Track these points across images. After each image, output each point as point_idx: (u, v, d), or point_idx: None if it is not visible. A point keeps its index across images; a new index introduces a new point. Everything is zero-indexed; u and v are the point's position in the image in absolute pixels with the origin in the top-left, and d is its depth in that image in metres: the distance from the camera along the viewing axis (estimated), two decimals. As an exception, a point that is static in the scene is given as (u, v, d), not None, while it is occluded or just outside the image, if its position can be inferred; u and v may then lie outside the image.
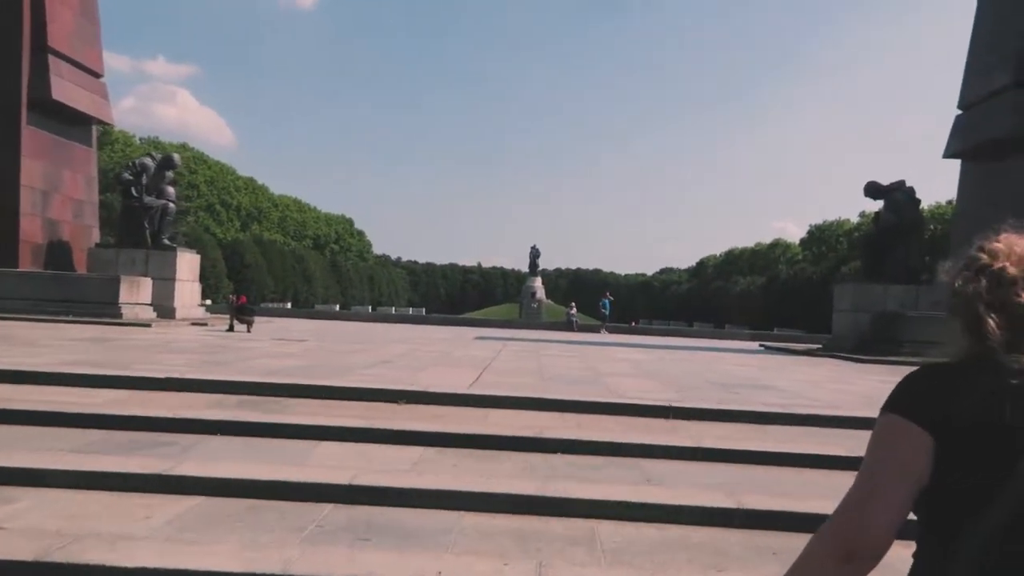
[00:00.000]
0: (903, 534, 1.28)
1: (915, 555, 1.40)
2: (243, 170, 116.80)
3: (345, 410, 7.40)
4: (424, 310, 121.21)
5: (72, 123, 22.95)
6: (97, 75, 24.02)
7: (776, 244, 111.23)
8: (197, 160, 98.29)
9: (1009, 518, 1.24)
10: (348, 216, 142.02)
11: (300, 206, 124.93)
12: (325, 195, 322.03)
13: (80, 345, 12.02)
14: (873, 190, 23.42)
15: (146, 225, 22.11)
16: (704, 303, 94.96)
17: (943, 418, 1.30)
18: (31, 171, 21.19)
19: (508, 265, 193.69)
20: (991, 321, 1.32)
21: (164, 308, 21.58)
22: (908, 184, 23.29)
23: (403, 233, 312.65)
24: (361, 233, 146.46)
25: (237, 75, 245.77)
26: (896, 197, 22.90)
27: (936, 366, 1.41)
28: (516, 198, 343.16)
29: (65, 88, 21.77)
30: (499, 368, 11.60)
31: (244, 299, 21.39)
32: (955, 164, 24.10)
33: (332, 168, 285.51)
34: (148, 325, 18.44)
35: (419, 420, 7.09)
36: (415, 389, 8.15)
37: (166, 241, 22.53)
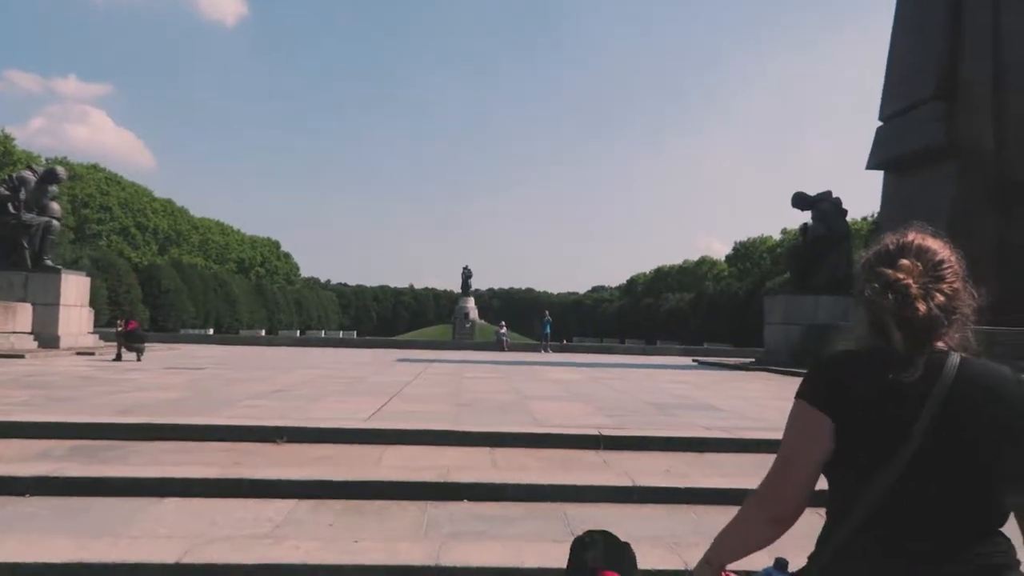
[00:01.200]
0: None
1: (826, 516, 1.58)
2: (163, 192, 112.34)
3: (205, 455, 5.99)
4: (355, 333, 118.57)
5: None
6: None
7: (703, 261, 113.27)
8: (110, 181, 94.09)
9: (880, 498, 1.46)
10: (274, 239, 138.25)
11: (223, 228, 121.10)
12: (250, 217, 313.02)
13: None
14: (800, 201, 23.12)
15: (25, 245, 19.93)
16: (635, 320, 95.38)
17: (841, 404, 1.51)
18: None
19: (440, 286, 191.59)
20: (896, 332, 1.51)
21: (46, 336, 19.43)
22: (834, 195, 23.10)
23: (332, 255, 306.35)
24: (288, 255, 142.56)
25: (155, 95, 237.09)
26: (823, 208, 22.64)
27: (839, 356, 1.60)
28: (448, 219, 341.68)
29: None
30: (411, 395, 10.29)
31: (134, 324, 19.23)
32: (875, 178, 24.04)
33: (257, 190, 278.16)
34: (21, 356, 16.40)
35: (295, 464, 5.75)
36: (299, 425, 6.79)
37: (48, 262, 20.37)
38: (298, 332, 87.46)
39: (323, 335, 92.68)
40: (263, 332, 70.76)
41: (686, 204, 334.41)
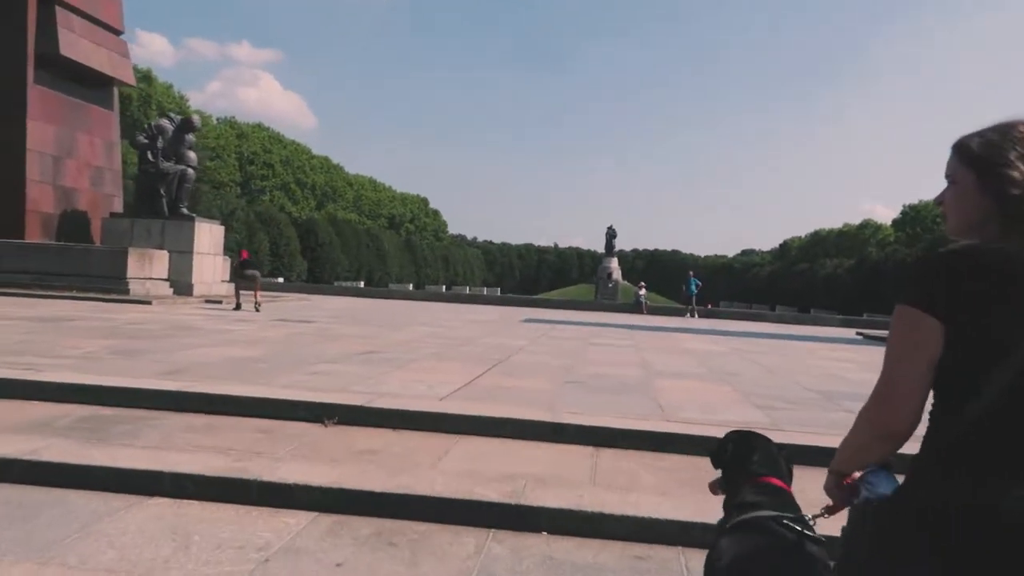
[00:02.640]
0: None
1: (929, 421, 1.48)
2: (323, 151, 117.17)
3: (230, 436, 4.75)
4: (499, 290, 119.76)
5: (88, 83, 21.13)
6: (116, 31, 22.13)
7: (866, 225, 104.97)
8: (272, 140, 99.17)
9: (997, 399, 1.36)
10: (423, 196, 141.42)
11: (375, 185, 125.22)
12: (401, 175, 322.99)
13: (7, 326, 9.83)
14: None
15: (162, 192, 20.12)
16: (788, 286, 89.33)
17: (954, 305, 1.39)
18: (40, 135, 19.44)
19: (584, 245, 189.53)
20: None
21: (181, 284, 19.60)
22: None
23: (479, 213, 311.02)
24: (436, 213, 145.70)
25: (319, 59, 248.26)
26: None
27: (951, 253, 1.46)
28: (594, 178, 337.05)
29: (76, 44, 19.90)
30: (517, 364, 8.77)
31: (246, 254, 19.08)
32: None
33: (409, 149, 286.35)
34: (148, 303, 16.40)
35: (329, 460, 4.36)
36: (356, 403, 5.41)
37: (184, 210, 20.51)
38: (444, 287, 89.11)
39: (467, 291, 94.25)
40: (411, 286, 72.26)
41: (846, 165, 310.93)
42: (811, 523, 1.85)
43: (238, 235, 50.39)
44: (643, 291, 36.03)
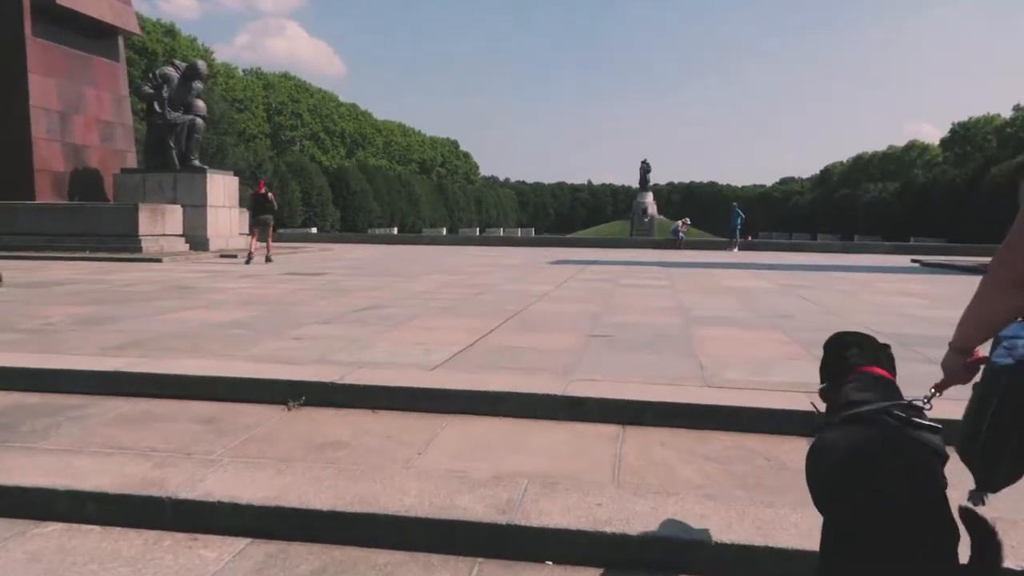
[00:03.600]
0: None
1: None
2: (351, 98, 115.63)
3: (167, 428, 3.84)
4: (533, 230, 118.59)
5: (90, 34, 20.14)
6: (115, -24, 21.02)
7: (911, 147, 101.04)
8: (300, 89, 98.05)
9: None
10: (453, 139, 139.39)
11: (404, 130, 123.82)
12: (430, 119, 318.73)
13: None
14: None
15: (172, 144, 19.26)
16: (829, 214, 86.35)
17: None
18: (43, 90, 18.62)
19: (618, 181, 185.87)
20: None
21: (196, 239, 18.91)
22: None
23: (510, 154, 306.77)
24: (467, 155, 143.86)
25: (343, 5, 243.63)
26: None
27: None
28: (625, 110, 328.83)
29: (72, -9, 18.86)
30: (535, 315, 7.75)
31: (263, 186, 16.81)
32: None
33: (437, 91, 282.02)
34: (159, 260, 15.69)
35: (284, 457, 3.42)
36: (327, 379, 4.44)
37: (195, 162, 19.65)
38: (477, 230, 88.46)
39: (501, 232, 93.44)
40: (444, 231, 71.44)
41: (890, 84, 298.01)
42: (924, 407, 1.83)
43: (265, 175, 49.77)
44: (683, 227, 34.50)
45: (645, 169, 60.29)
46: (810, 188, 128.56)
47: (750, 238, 33.83)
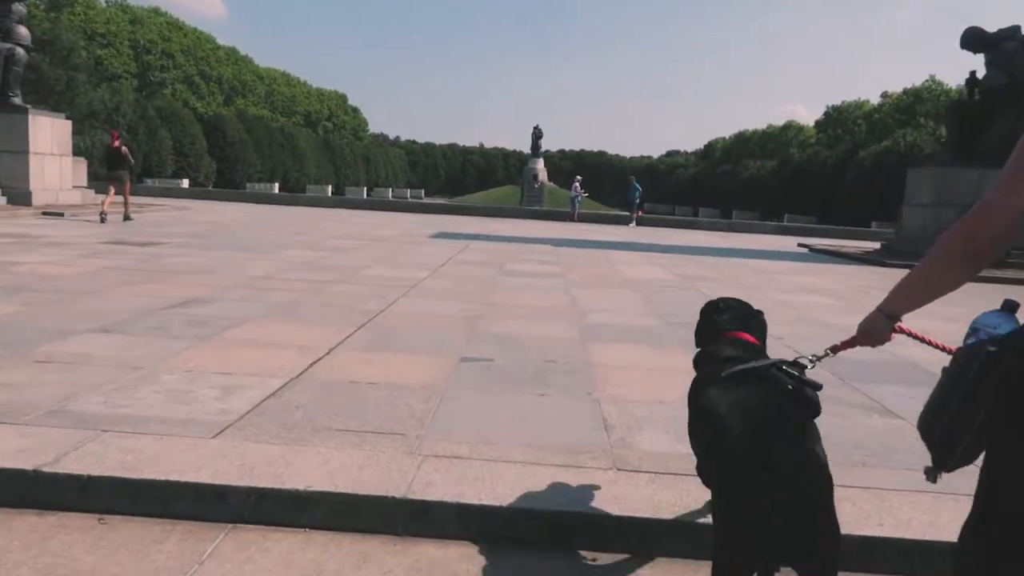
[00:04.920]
0: None
1: None
2: (232, 43, 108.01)
3: None
4: (423, 192, 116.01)
5: None
6: None
7: (788, 126, 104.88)
8: (172, 27, 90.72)
9: None
10: (341, 92, 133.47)
11: (288, 80, 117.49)
12: (316, 70, 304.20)
13: None
14: (973, 39, 17.26)
15: (-16, 78, 16.22)
16: (712, 187, 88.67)
17: None
18: None
19: (510, 146, 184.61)
20: None
21: (16, 192, 16.08)
22: (1024, 32, 17.14)
23: (401, 111, 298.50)
24: (356, 110, 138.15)
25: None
26: (1007, 49, 16.79)
27: None
28: (519, 76, 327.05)
29: None
30: (398, 319, 6.23)
31: (116, 139, 15.75)
32: None
33: (324, 42, 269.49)
34: (-45, 217, 13.02)
35: None
36: (27, 465, 2.82)
37: (15, 100, 16.67)
38: (365, 190, 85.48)
39: (390, 193, 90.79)
40: (330, 188, 67.96)
41: (769, 66, 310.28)
42: (808, 367, 1.92)
43: (123, 132, 45.05)
44: (579, 189, 33.09)
45: (537, 135, 60.35)
46: (694, 162, 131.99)
47: (640, 213, 33.28)
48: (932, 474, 1.60)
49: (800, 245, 21.91)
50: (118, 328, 5.19)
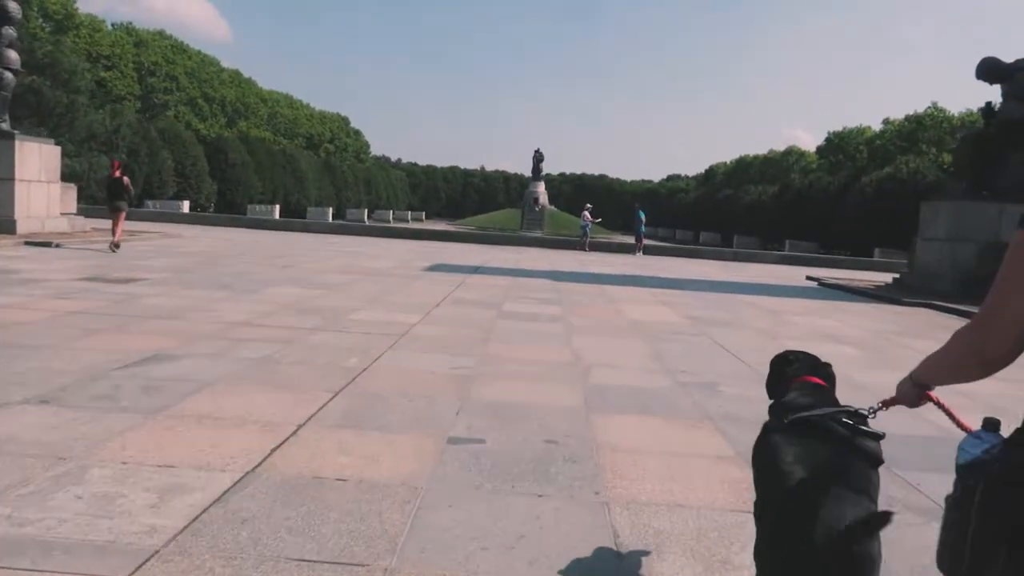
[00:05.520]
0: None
1: None
2: (236, 66, 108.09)
3: None
4: (423, 214, 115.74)
5: None
6: None
7: (790, 152, 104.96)
8: (176, 50, 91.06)
9: None
10: (343, 115, 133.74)
11: (291, 102, 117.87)
12: (319, 93, 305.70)
13: None
14: (990, 69, 16.77)
15: (-31, 102, 15.72)
16: (713, 212, 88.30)
17: None
18: None
19: (511, 169, 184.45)
20: None
21: (1, 220, 15.50)
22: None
23: (403, 135, 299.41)
24: (358, 133, 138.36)
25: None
26: (1023, 80, 16.31)
27: None
28: (521, 100, 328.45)
29: None
30: (383, 378, 5.59)
31: (117, 167, 16.15)
32: None
33: (327, 65, 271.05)
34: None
35: None
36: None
37: (3, 125, 16.16)
38: (366, 212, 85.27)
39: (391, 216, 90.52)
40: (330, 211, 67.54)
41: (771, 90, 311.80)
42: (869, 416, 1.91)
43: (122, 155, 44.67)
44: (589, 217, 32.66)
45: (538, 158, 60.29)
46: (695, 186, 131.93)
47: (645, 242, 32.75)
48: None
49: (808, 278, 21.30)
50: (58, 397, 4.55)
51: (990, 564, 1.32)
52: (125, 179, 15.71)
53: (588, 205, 34.78)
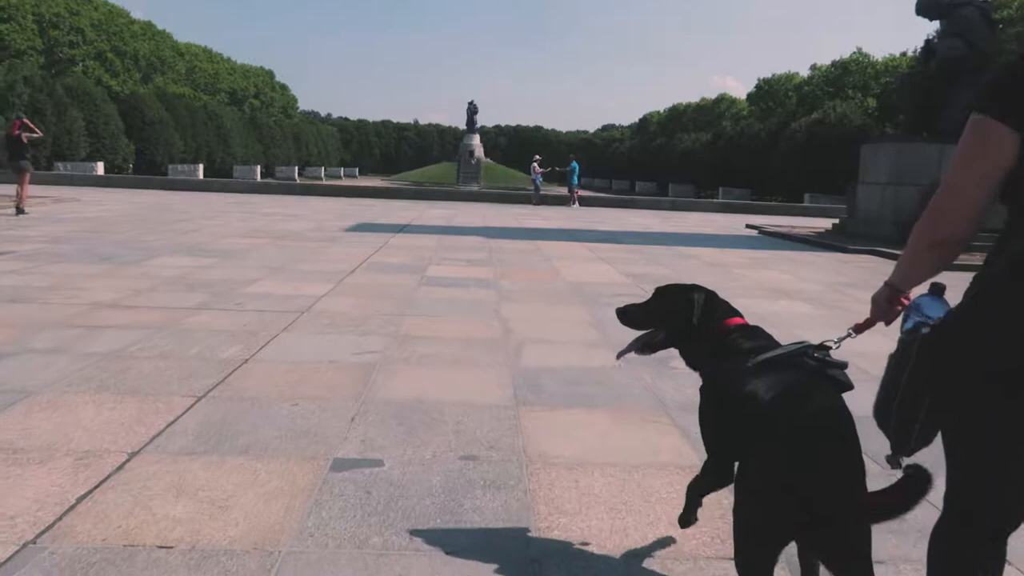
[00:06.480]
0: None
1: (1003, 229, 1.46)
2: (149, 16, 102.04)
3: None
4: (357, 170, 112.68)
5: None
6: None
7: (721, 99, 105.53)
8: (80, 0, 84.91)
9: None
10: (268, 68, 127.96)
11: (211, 56, 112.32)
12: (240, 46, 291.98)
13: None
14: (929, 5, 16.18)
15: None
16: (647, 161, 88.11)
17: None
18: None
19: (445, 122, 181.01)
20: None
21: None
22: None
23: (331, 88, 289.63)
24: (284, 87, 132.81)
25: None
26: (964, 15, 15.73)
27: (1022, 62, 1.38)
28: (453, 50, 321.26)
29: None
30: (258, 380, 4.50)
31: (17, 128, 15.32)
32: None
33: (247, 17, 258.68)
34: None
35: None
36: None
37: None
38: (296, 169, 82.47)
39: (322, 173, 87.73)
40: (259, 169, 64.50)
41: (701, 40, 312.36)
42: (833, 348, 1.93)
43: (19, 113, 41.23)
44: (539, 169, 31.63)
45: (472, 111, 59.42)
46: (630, 136, 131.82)
47: (580, 192, 31.84)
48: (893, 460, 1.65)
49: (748, 226, 20.77)
50: None
51: (914, 411, 1.52)
52: (24, 136, 15.20)
53: (537, 157, 33.70)
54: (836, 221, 18.78)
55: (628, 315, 2.44)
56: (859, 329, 1.91)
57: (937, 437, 1.56)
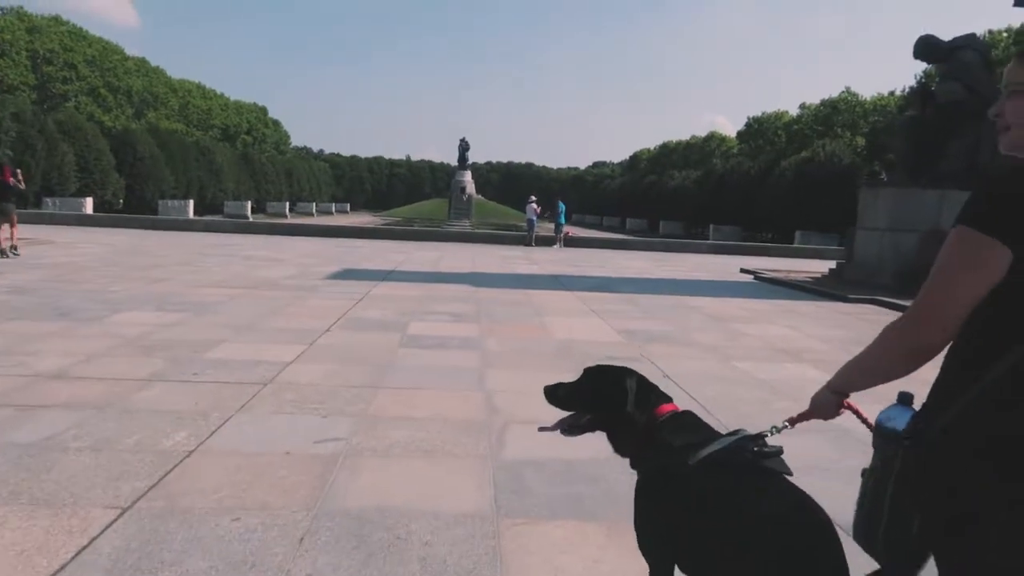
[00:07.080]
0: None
1: (971, 351, 1.40)
2: (144, 53, 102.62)
3: None
4: (348, 206, 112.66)
5: None
6: None
7: (712, 137, 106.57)
8: (75, 36, 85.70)
9: None
10: (261, 104, 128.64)
11: (204, 92, 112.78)
12: (234, 83, 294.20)
13: None
14: (928, 48, 15.93)
15: None
16: (638, 197, 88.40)
17: (1019, 229, 1.30)
18: None
19: (437, 158, 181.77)
20: None
21: None
22: (978, 41, 15.88)
23: (324, 124, 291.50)
24: (277, 123, 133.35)
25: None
26: (964, 59, 15.51)
27: (1015, 174, 1.36)
28: (447, 89, 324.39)
29: None
30: (209, 470, 3.94)
31: (9, 173, 15.60)
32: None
33: (242, 54, 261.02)
34: None
35: None
36: None
37: None
38: (287, 205, 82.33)
39: (314, 209, 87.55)
40: (249, 205, 64.11)
41: (692, 78, 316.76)
42: (768, 437, 1.84)
43: (6, 150, 40.77)
44: (536, 209, 31.41)
45: (464, 147, 61.38)
46: (620, 173, 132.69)
47: (569, 232, 31.43)
48: None
49: (743, 271, 20.33)
50: None
51: (904, 532, 1.42)
52: (12, 180, 15.57)
53: (533, 196, 33.42)
54: (832, 266, 18.37)
55: (556, 396, 2.27)
56: (794, 422, 1.88)
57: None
